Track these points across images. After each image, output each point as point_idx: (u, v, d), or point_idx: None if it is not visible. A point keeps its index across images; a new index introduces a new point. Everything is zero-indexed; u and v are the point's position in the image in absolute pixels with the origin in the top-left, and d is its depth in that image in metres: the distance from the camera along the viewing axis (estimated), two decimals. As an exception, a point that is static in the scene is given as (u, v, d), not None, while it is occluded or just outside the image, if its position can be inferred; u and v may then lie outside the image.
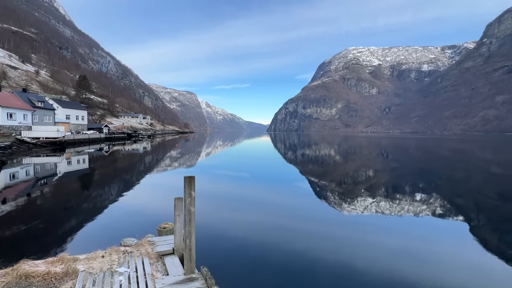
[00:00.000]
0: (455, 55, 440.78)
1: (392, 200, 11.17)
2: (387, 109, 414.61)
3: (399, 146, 49.72)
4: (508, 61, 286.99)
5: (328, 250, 6.17)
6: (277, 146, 51.95)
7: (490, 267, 5.63)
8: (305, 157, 30.06)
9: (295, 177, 16.82)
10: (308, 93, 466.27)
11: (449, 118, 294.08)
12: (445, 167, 22.57)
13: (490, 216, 9.31)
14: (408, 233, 7.65)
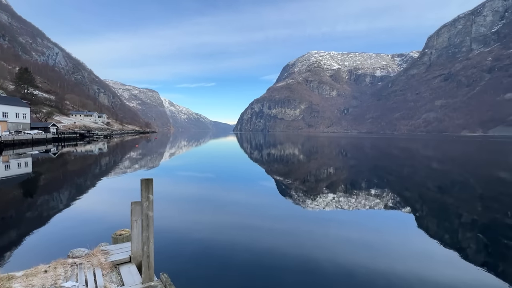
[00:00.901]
0: (403, 62, 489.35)
1: (351, 195, 11.97)
2: (346, 110, 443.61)
3: (356, 145, 53.56)
4: (445, 70, 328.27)
5: (293, 246, 6.36)
6: (243, 146, 52.08)
7: (432, 252, 6.35)
8: (270, 157, 30.66)
9: (261, 176, 17.04)
10: (273, 94, 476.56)
11: (398, 120, 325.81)
12: (395, 164, 24.96)
13: (431, 206, 10.52)
14: (364, 225, 8.26)
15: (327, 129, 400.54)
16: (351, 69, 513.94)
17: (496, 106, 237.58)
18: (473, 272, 5.40)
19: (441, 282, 4.97)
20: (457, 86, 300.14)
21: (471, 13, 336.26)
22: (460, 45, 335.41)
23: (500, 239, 7.05)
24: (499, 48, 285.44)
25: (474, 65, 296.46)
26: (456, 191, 13.34)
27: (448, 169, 22.07)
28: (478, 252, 6.34)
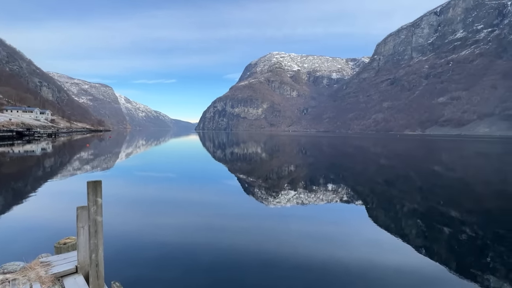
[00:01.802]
0: (355, 66, 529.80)
1: (310, 191, 12.63)
2: (305, 110, 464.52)
3: (315, 144, 56.54)
4: (391, 75, 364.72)
5: (256, 243, 6.48)
6: (206, 144, 51.12)
7: (381, 239, 7.05)
8: (233, 156, 30.66)
9: (224, 175, 16.96)
10: (236, 93, 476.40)
11: (352, 120, 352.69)
12: (349, 161, 27.04)
13: (379, 198, 11.67)
14: (322, 219, 8.80)
15: (288, 128, 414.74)
16: (310, 71, 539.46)
17: (431, 108, 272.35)
18: (414, 255, 6.15)
19: (388, 265, 5.57)
20: (400, 89, 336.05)
21: (411, 25, 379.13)
22: (403, 53, 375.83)
23: (435, 225, 8.16)
24: (433, 57, 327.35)
25: (414, 71, 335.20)
26: (399, 184, 15.01)
27: (393, 165, 24.68)
28: (417, 237, 7.25)
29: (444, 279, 5.07)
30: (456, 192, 13.15)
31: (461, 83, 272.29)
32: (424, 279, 5.08)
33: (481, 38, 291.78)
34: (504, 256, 6.03)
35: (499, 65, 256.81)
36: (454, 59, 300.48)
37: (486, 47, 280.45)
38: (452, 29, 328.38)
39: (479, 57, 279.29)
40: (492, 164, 25.36)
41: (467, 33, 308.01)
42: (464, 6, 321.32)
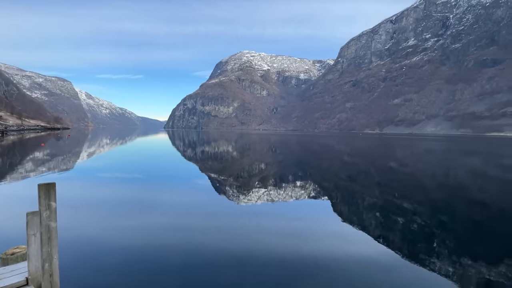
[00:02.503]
0: (321, 68, 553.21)
1: (279, 188, 13.06)
2: (275, 109, 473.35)
3: (284, 142, 58.09)
4: (353, 77, 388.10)
5: (228, 242, 6.55)
6: (176, 143, 49.51)
7: (345, 231, 7.62)
8: (204, 154, 30.21)
9: (194, 174, 16.70)
10: (207, 91, 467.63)
11: (318, 119, 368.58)
12: (316, 158, 28.38)
13: (343, 193, 12.52)
14: (291, 215, 9.19)
15: (259, 126, 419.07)
16: (279, 71, 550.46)
17: (387, 109, 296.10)
18: (373, 244, 6.76)
19: (351, 255, 6.06)
20: (361, 91, 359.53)
21: (371, 31, 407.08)
22: (363, 57, 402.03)
23: (390, 216, 9.03)
24: (389, 62, 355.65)
25: (373, 74, 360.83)
26: (360, 179, 16.22)
27: (355, 161, 26.52)
28: (376, 228, 7.98)
29: (399, 265, 5.69)
30: (408, 185, 14.64)
31: (413, 86, 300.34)
32: (383, 266, 5.65)
33: (429, 46, 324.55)
34: (447, 241, 6.95)
35: (443, 71, 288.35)
36: (407, 64, 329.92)
37: (433, 54, 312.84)
38: (405, 37, 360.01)
39: (427, 63, 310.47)
40: (437, 159, 28.60)
41: (418, 41, 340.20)
42: (415, 16, 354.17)
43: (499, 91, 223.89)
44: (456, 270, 5.41)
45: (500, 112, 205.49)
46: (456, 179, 16.97)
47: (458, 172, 19.90)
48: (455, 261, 5.80)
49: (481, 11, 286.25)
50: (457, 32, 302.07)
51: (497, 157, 30.75)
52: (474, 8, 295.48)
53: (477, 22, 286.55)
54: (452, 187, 14.54)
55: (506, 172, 20.63)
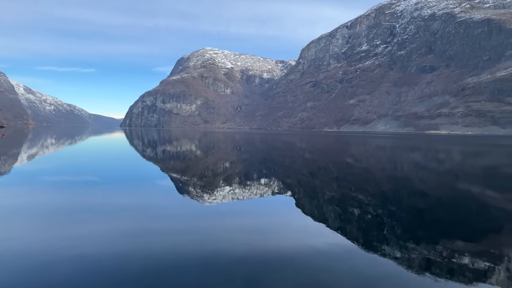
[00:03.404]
0: (284, 68, 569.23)
1: (244, 186, 13.12)
2: (239, 108, 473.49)
3: (248, 140, 58.50)
4: (313, 78, 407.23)
5: (193, 243, 6.37)
6: (134, 143, 46.38)
7: (307, 225, 7.97)
8: (166, 154, 28.85)
9: (155, 175, 15.85)
10: (168, 88, 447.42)
11: (281, 118, 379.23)
12: (279, 155, 29.18)
13: (305, 188, 13.08)
14: (256, 212, 9.31)
15: (223, 125, 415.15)
16: (243, 69, 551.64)
17: (344, 108, 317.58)
18: (333, 235, 7.19)
19: (314, 247, 6.36)
20: (321, 91, 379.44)
21: (329, 35, 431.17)
22: (322, 59, 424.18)
23: (348, 208, 9.70)
24: (346, 65, 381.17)
25: (331, 76, 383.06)
26: (320, 175, 17.13)
27: (316, 158, 27.92)
28: (335, 219, 8.50)
29: (355, 252, 6.15)
30: (362, 179, 15.90)
31: (366, 88, 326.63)
32: (341, 254, 6.05)
33: (379, 52, 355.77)
34: (395, 228, 7.72)
35: (391, 75, 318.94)
36: (360, 68, 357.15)
37: (383, 59, 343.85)
38: (359, 42, 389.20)
39: (377, 67, 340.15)
40: (386, 155, 31.61)
41: (370, 47, 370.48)
42: (367, 23, 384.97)
43: (435, 94, 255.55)
44: (403, 254, 6.04)
45: (436, 113, 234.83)
46: (402, 172, 18.96)
47: (403, 166, 22.26)
48: (402, 245, 6.48)
49: (421, 23, 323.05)
50: (402, 40, 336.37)
51: (434, 152, 35.12)
52: (416, 19, 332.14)
53: (418, 33, 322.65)
54: (398, 179, 16.19)
55: (441, 165, 23.71)
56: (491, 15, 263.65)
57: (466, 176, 17.62)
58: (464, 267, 5.47)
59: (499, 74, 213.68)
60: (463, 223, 8.36)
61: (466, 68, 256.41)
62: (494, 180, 16.43)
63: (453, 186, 14.30)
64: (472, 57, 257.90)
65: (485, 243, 6.69)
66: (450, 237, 6.94)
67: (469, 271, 5.35)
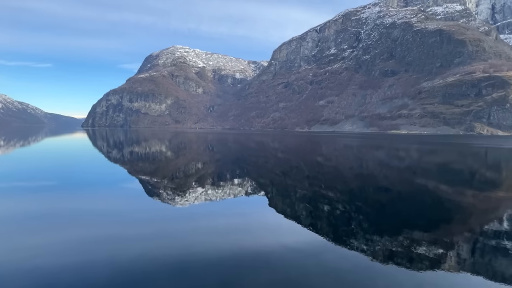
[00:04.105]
0: (256, 69, 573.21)
1: (217, 187, 12.96)
2: (211, 108, 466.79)
3: (221, 140, 57.92)
4: (285, 79, 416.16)
5: (164, 248, 6.13)
6: (98, 144, 43.31)
7: (280, 224, 8.09)
8: (134, 155, 27.39)
9: (121, 178, 14.98)
10: (135, 86, 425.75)
11: (254, 118, 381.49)
12: (252, 155, 29.33)
13: (277, 188, 13.29)
14: (229, 212, 9.25)
15: (195, 125, 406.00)
16: (215, 69, 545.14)
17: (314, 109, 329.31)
18: (305, 232, 7.41)
19: (286, 245, 6.49)
20: (292, 92, 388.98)
21: (300, 37, 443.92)
22: (294, 61, 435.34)
23: (318, 205, 10.06)
24: (315, 67, 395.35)
25: (302, 78, 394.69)
26: (292, 174, 17.55)
27: (288, 157, 28.55)
28: (307, 217, 8.77)
29: (326, 247, 6.41)
30: (332, 177, 16.62)
31: (334, 90, 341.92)
32: (312, 250, 6.26)
33: (346, 56, 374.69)
34: (362, 222, 8.18)
35: (357, 78, 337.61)
36: (329, 70, 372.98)
37: (349, 63, 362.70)
38: (327, 46, 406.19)
39: (345, 70, 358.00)
40: (353, 153, 33.40)
41: (337, 51, 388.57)
42: (335, 28, 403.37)
43: (396, 96, 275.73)
44: (369, 246, 6.43)
45: (397, 114, 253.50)
46: (368, 169, 20.16)
47: (368, 164, 23.70)
48: (367, 238, 6.89)
49: (383, 30, 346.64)
50: (366, 46, 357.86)
51: (395, 151, 37.89)
52: (378, 27, 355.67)
53: (380, 39, 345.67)
54: (364, 176, 17.20)
55: (401, 162, 25.67)
56: (442, 26, 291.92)
57: (422, 172, 19.28)
58: (422, 255, 5.98)
59: (449, 79, 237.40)
60: (420, 215, 9.15)
61: (422, 73, 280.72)
62: (445, 175, 18.21)
63: (412, 181, 15.56)
64: (427, 63, 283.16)
65: (438, 232, 7.39)
66: (409, 228, 7.54)
67: (426, 258, 5.86)
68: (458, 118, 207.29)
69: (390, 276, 5.14)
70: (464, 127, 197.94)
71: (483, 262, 5.79)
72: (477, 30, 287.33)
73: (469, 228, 7.77)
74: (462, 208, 10.14)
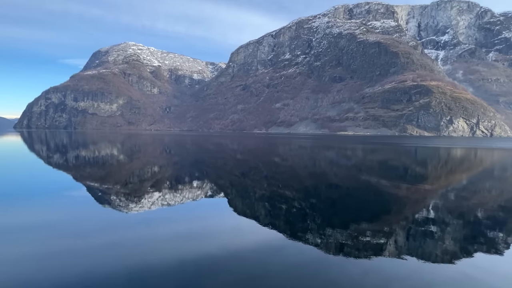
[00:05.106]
0: (214, 70, 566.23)
1: (176, 190, 12.49)
2: (168, 109, 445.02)
3: (178, 142, 55.69)
4: (243, 82, 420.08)
5: (120, 258, 5.74)
6: (36, 148, 37.63)
7: (240, 224, 8.20)
8: (80, 160, 24.53)
9: (67, 185, 13.34)
10: (81, 83, 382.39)
11: (213, 119, 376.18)
12: (211, 157, 28.90)
13: (237, 188, 13.41)
14: (189, 216, 9.03)
15: (150, 126, 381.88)
16: (172, 68, 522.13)
17: (271, 111, 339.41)
18: (264, 231, 7.65)
19: (247, 245, 6.63)
20: (250, 95, 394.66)
21: (256, 41, 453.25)
22: (251, 64, 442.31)
23: (276, 204, 10.46)
24: (272, 71, 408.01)
25: (259, 81, 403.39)
26: (251, 174, 17.86)
27: (246, 158, 28.89)
28: (266, 216, 9.04)
29: (284, 244, 6.74)
30: (288, 176, 17.40)
31: (289, 93, 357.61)
32: (272, 248, 6.53)
33: (299, 61, 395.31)
34: (315, 218, 8.78)
35: (310, 83, 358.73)
36: (284, 75, 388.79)
37: (303, 68, 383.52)
38: (282, 51, 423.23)
39: (299, 75, 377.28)
40: (307, 153, 35.42)
41: (292, 56, 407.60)
42: (289, 35, 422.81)
43: (343, 101, 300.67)
44: (323, 239, 6.96)
45: (344, 117, 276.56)
46: (320, 168, 21.63)
47: (321, 163, 25.42)
48: (321, 232, 7.45)
49: (332, 39, 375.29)
50: (317, 53, 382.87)
51: (343, 150, 41.33)
52: (327, 36, 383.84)
53: (329, 47, 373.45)
54: (317, 174, 18.42)
55: (348, 161, 28.15)
56: (380, 39, 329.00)
57: (366, 169, 21.45)
58: (367, 244, 6.72)
59: (386, 86, 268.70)
60: (365, 208, 10.21)
61: (365, 80, 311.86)
62: (384, 171, 20.58)
63: (358, 178, 17.21)
64: (369, 71, 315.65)
65: (380, 222, 8.37)
66: (356, 221, 8.38)
67: (370, 246, 6.60)
68: (394, 121, 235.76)
69: (340, 266, 5.66)
70: (399, 128, 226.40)
71: (416, 245, 6.76)
72: (407, 44, 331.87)
73: (404, 217, 8.97)
74: (398, 200, 11.63)
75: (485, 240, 7.04)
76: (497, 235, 7.36)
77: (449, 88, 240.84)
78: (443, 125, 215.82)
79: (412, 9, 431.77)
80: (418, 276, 5.33)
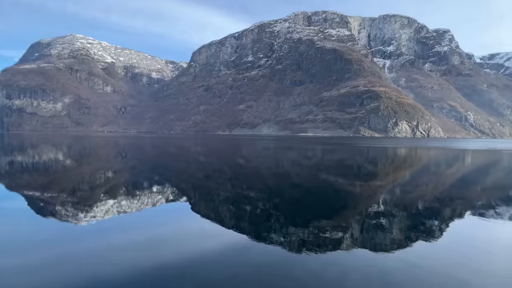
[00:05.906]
0: (175, 70, 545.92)
1: (133, 197, 11.69)
2: (123, 109, 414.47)
3: (135, 145, 52.26)
4: (205, 82, 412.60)
5: (70, 272, 5.15)
6: None
7: (204, 227, 8.05)
8: (16, 166, 21.30)
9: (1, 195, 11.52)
10: (17, 79, 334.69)
11: (173, 121, 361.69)
12: (172, 160, 27.77)
13: (201, 191, 13.11)
14: (149, 223, 8.54)
15: (102, 128, 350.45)
16: (127, 66, 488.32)
17: (235, 113, 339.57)
18: (230, 233, 7.61)
19: (211, 249, 6.51)
20: (213, 96, 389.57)
21: (219, 42, 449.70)
22: (214, 65, 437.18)
23: (241, 205, 10.49)
24: (235, 73, 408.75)
25: (222, 82, 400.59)
26: (216, 177, 17.63)
27: (210, 160, 28.40)
28: (231, 218, 9.01)
29: (250, 244, 6.79)
30: (252, 178, 17.59)
31: (253, 95, 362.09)
32: (237, 250, 6.53)
33: (262, 64, 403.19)
34: (279, 217, 9.04)
35: (272, 85, 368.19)
36: (247, 76, 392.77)
37: (265, 71, 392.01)
38: (245, 53, 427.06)
39: (261, 77, 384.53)
40: (270, 154, 36.24)
41: (254, 58, 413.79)
42: (252, 37, 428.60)
43: (304, 103, 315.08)
44: (286, 238, 7.19)
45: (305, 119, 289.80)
46: (282, 168, 22.30)
47: (283, 163, 26.23)
48: (284, 231, 7.69)
49: (292, 44, 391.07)
50: (279, 57, 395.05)
51: (304, 151, 43.25)
52: (288, 40, 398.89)
53: (290, 52, 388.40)
54: (279, 175, 18.96)
55: (308, 161, 29.57)
56: (336, 46, 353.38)
57: (324, 169, 22.77)
58: (326, 239, 7.13)
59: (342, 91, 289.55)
60: (324, 205, 10.83)
61: (323, 84, 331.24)
62: (340, 170, 22.10)
63: (317, 177, 18.17)
64: (326, 76, 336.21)
65: (337, 218, 8.96)
66: (316, 218, 8.84)
67: (329, 241, 7.03)
68: (349, 123, 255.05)
69: (302, 262, 5.92)
70: (353, 130, 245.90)
71: (369, 237, 7.39)
72: (359, 52, 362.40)
73: (358, 212, 9.74)
74: (353, 196, 12.58)
75: (424, 228, 8.02)
76: (433, 224, 8.44)
77: (394, 94, 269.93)
78: (390, 127, 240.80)
79: (363, 21, 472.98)
80: (371, 265, 5.84)
